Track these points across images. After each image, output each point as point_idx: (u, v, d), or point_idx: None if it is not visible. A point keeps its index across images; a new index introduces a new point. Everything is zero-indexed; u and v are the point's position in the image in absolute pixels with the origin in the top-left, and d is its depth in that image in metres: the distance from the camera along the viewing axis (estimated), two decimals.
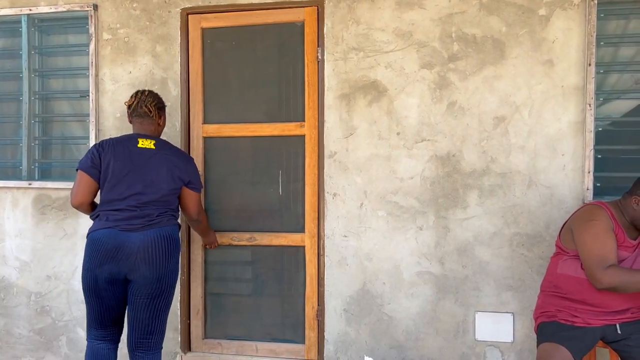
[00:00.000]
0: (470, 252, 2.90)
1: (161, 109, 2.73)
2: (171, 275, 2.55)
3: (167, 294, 2.54)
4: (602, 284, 2.15)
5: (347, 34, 2.98)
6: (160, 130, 2.76)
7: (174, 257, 2.55)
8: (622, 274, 2.13)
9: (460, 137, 2.90)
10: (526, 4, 2.81)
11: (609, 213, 2.28)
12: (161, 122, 2.74)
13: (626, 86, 2.82)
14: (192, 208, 2.69)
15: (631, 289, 2.15)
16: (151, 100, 2.67)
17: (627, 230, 2.29)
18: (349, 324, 3.01)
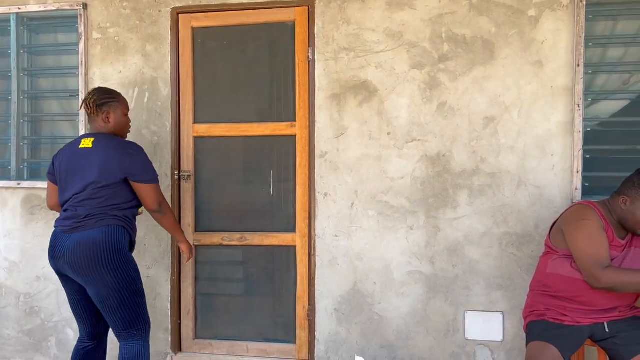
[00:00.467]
0: (461, 251, 2.91)
1: (102, 105, 2.50)
2: (105, 281, 2.35)
3: (113, 298, 2.37)
4: (601, 283, 2.16)
5: (337, 34, 2.99)
6: (112, 127, 2.53)
7: (102, 263, 2.34)
8: (621, 274, 2.15)
9: (451, 137, 2.91)
10: (516, 4, 2.82)
11: (598, 212, 2.30)
12: (106, 118, 2.51)
13: (614, 87, 2.85)
14: (146, 200, 2.49)
15: (628, 289, 2.16)
16: (90, 97, 2.51)
17: (616, 229, 2.30)
18: (340, 324, 3.02)
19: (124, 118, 2.58)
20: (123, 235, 2.44)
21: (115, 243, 2.39)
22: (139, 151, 2.48)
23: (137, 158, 2.46)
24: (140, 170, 2.46)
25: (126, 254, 2.43)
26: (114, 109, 2.53)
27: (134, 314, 2.45)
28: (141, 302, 2.47)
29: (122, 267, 2.40)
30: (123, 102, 2.58)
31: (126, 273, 2.41)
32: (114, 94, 2.56)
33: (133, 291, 2.43)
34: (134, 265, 2.46)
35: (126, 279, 2.40)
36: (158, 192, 2.52)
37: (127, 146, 2.46)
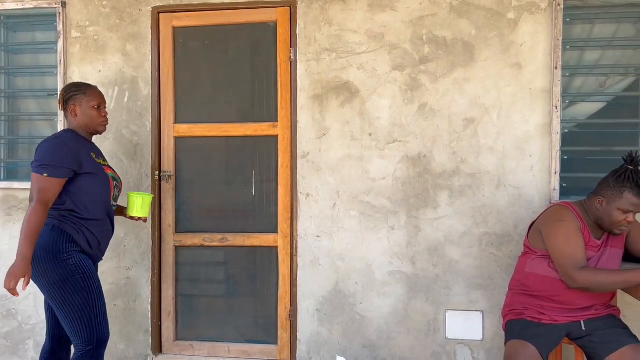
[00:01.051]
0: (441, 251, 2.93)
1: (68, 100, 2.40)
2: (41, 285, 2.25)
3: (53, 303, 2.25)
4: (577, 283, 2.20)
5: (319, 34, 2.99)
6: (80, 121, 2.40)
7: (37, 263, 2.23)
8: (597, 274, 2.18)
9: (431, 138, 2.94)
10: (495, 7, 2.86)
11: (575, 213, 2.33)
12: (72, 112, 2.39)
13: (591, 89, 2.90)
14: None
15: (605, 289, 2.20)
16: (60, 92, 2.43)
17: (592, 230, 2.35)
18: (322, 324, 3.02)
19: (92, 111, 2.41)
20: (57, 235, 2.26)
21: (43, 243, 2.23)
22: (50, 140, 2.29)
23: (44, 145, 2.28)
24: (37, 156, 2.26)
25: (54, 254, 2.23)
26: (79, 101, 2.40)
27: (67, 322, 2.26)
28: (74, 311, 2.24)
29: (47, 269, 2.22)
30: (92, 94, 2.43)
31: (51, 275, 2.22)
32: (81, 86, 2.44)
33: (63, 298, 2.23)
34: (66, 269, 2.23)
35: (52, 282, 2.23)
36: (36, 184, 2.20)
37: (52, 136, 2.32)
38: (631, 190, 2.21)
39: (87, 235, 2.34)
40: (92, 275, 2.31)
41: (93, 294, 2.29)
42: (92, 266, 2.35)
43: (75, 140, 2.35)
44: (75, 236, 2.30)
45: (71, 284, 2.24)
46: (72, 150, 2.29)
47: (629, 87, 2.88)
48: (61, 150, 2.27)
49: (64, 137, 2.33)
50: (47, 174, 2.22)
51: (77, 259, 2.28)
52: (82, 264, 2.29)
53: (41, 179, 2.22)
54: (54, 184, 2.23)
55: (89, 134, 2.46)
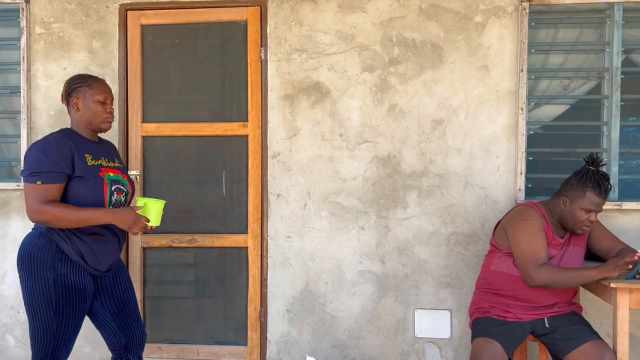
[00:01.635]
0: (410, 251, 2.97)
1: (71, 92, 2.19)
2: (22, 286, 2.12)
3: (27, 309, 2.11)
4: (535, 281, 2.26)
5: (290, 34, 2.99)
6: (82, 117, 2.19)
7: (21, 268, 2.10)
8: (554, 272, 2.25)
9: (401, 139, 2.97)
10: (463, 10, 2.90)
11: (539, 213, 2.39)
12: (75, 106, 2.19)
13: (555, 92, 2.97)
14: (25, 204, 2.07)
15: (562, 286, 2.27)
16: (64, 85, 2.24)
17: (556, 229, 2.41)
18: (292, 325, 3.02)
19: (96, 106, 2.17)
20: (43, 243, 2.09)
21: (27, 248, 2.10)
22: (38, 143, 2.10)
23: (30, 148, 2.10)
24: (25, 163, 2.08)
25: (37, 262, 2.07)
26: (83, 94, 2.17)
27: (30, 332, 2.12)
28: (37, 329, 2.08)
29: (26, 276, 2.09)
30: (98, 87, 2.19)
31: (27, 282, 2.08)
32: (87, 78, 2.21)
33: (32, 311, 2.08)
34: (44, 284, 2.06)
35: (29, 290, 2.09)
36: (31, 194, 2.02)
37: (39, 140, 2.13)
38: (593, 190, 2.28)
39: (78, 245, 2.10)
40: (72, 295, 2.08)
41: (62, 318, 2.08)
42: (80, 283, 2.11)
43: (65, 140, 2.12)
44: (64, 246, 2.08)
45: (44, 300, 2.06)
46: (62, 152, 2.07)
47: (591, 90, 2.96)
48: (51, 154, 2.06)
49: (53, 139, 2.11)
50: (40, 181, 2.02)
51: (59, 273, 2.07)
52: (64, 281, 2.07)
53: (35, 188, 2.03)
54: (51, 189, 2.04)
55: (91, 131, 2.22)
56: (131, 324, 2.29)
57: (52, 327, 2.08)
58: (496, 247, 2.48)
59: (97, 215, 2.07)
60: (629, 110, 2.90)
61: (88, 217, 2.06)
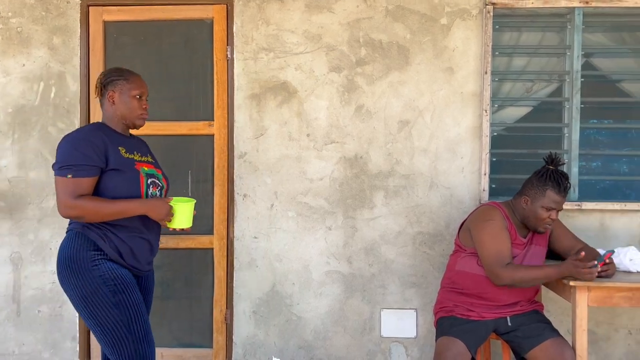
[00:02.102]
0: (377, 251, 2.98)
1: (106, 85, 2.11)
2: (71, 294, 2.00)
3: (87, 317, 1.98)
4: (501, 280, 2.29)
5: (257, 33, 2.96)
6: (117, 111, 2.10)
7: (64, 274, 1.99)
8: (519, 271, 2.29)
9: (367, 140, 2.98)
10: (429, 12, 2.93)
11: (502, 213, 2.43)
12: (110, 99, 2.10)
13: (518, 94, 3.03)
14: (56, 200, 1.99)
15: (526, 284, 2.32)
16: (98, 77, 2.14)
17: (519, 228, 2.45)
18: (258, 326, 2.99)
19: (132, 101, 2.10)
20: (81, 243, 1.99)
21: (65, 252, 1.99)
22: (69, 136, 2.02)
23: (64, 141, 2.02)
24: (58, 157, 1.99)
25: (78, 264, 1.97)
26: (120, 88, 2.10)
27: (103, 343, 1.98)
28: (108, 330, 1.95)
29: (73, 282, 1.97)
30: (135, 81, 2.13)
31: (78, 289, 1.96)
32: (124, 72, 2.15)
33: (92, 315, 1.95)
34: (93, 282, 1.95)
35: (80, 296, 1.96)
36: (62, 188, 1.95)
37: (71, 133, 2.05)
38: (553, 189, 2.33)
39: (115, 242, 2.01)
40: (125, 289, 1.98)
41: (127, 310, 1.97)
42: (128, 277, 2.02)
43: (98, 132, 2.04)
44: (101, 243, 2.00)
45: (99, 299, 1.95)
46: (94, 145, 1.98)
47: (553, 93, 3.03)
48: (82, 146, 1.97)
49: (85, 131, 2.04)
50: (70, 175, 1.94)
51: (104, 269, 1.97)
52: (111, 275, 1.97)
53: (65, 182, 1.94)
54: (83, 183, 1.95)
55: (125, 126, 2.15)
56: None
57: (122, 321, 1.96)
58: (461, 247, 2.51)
59: (131, 206, 2.00)
60: (588, 112, 2.98)
61: (122, 208, 1.98)
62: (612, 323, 2.94)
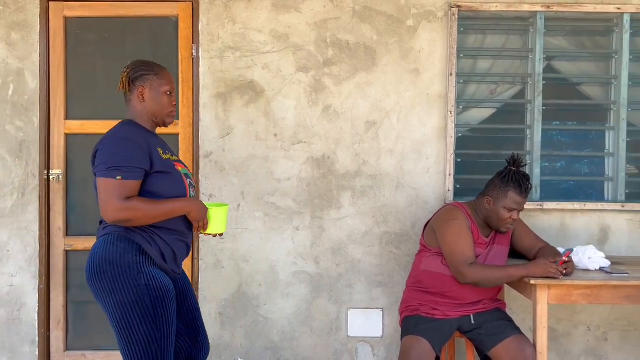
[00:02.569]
0: (344, 251, 2.98)
1: (135, 80, 1.99)
2: (105, 306, 1.91)
3: (115, 327, 1.90)
4: (466, 279, 2.33)
5: (223, 32, 2.93)
6: (147, 107, 2.00)
7: (102, 279, 1.88)
8: (484, 270, 2.34)
9: (335, 140, 2.98)
10: (395, 14, 2.95)
11: (465, 213, 2.47)
12: (140, 95, 1.99)
13: (483, 96, 3.08)
14: (99, 202, 1.88)
15: (491, 284, 2.37)
16: (124, 72, 2.01)
17: (481, 228, 2.49)
18: (224, 328, 2.96)
19: (163, 97, 2.01)
20: (125, 246, 1.89)
21: (106, 256, 1.88)
22: (114, 136, 1.92)
23: (108, 140, 1.91)
24: (102, 157, 1.88)
25: (122, 270, 1.87)
26: (150, 83, 1.99)
27: (125, 352, 1.89)
28: (137, 343, 1.86)
29: (114, 287, 1.86)
30: (165, 77, 2.03)
31: (118, 295, 1.86)
32: (153, 66, 2.04)
33: (128, 325, 1.86)
34: (136, 290, 1.86)
35: (119, 304, 1.86)
36: (111, 189, 1.83)
37: (110, 131, 1.96)
38: (515, 190, 2.37)
39: (160, 246, 1.94)
40: (165, 299, 1.90)
41: (163, 324, 1.89)
42: (168, 285, 1.94)
43: (140, 133, 1.95)
44: (147, 247, 1.91)
45: (139, 310, 1.86)
46: (140, 146, 1.90)
47: (516, 95, 3.09)
48: (130, 147, 1.88)
49: (128, 130, 1.94)
50: (120, 176, 1.84)
51: (149, 276, 1.88)
52: (155, 284, 1.88)
53: (114, 184, 1.83)
54: (131, 186, 1.85)
55: (154, 124, 2.06)
56: (202, 333, 2.16)
57: (154, 339, 1.87)
58: (425, 247, 2.54)
59: (178, 205, 1.94)
60: (550, 114, 3.05)
61: (170, 209, 1.92)
62: (572, 320, 3.01)
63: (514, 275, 2.33)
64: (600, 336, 3.01)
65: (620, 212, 2.99)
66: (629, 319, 3.01)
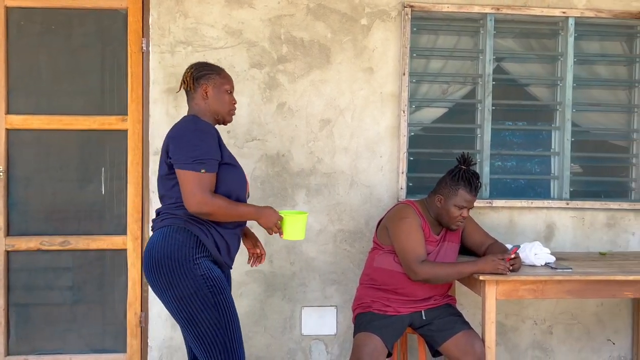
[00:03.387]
0: (298, 249, 2.97)
1: (199, 78, 2.07)
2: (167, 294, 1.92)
3: (179, 322, 1.95)
4: (418, 276, 2.36)
5: (174, 26, 2.87)
6: (211, 104, 2.07)
7: (160, 273, 1.91)
8: (435, 267, 2.38)
9: (289, 138, 2.96)
10: (349, 12, 2.96)
11: (416, 210, 2.50)
12: (204, 92, 2.06)
13: (435, 95, 3.12)
14: (182, 193, 1.91)
15: (442, 280, 2.42)
16: (187, 71, 2.10)
17: (432, 226, 2.53)
18: (175, 329, 2.90)
19: (225, 96, 2.10)
20: (183, 239, 1.92)
21: (164, 250, 1.91)
22: (188, 128, 1.97)
23: (182, 131, 1.96)
24: (178, 148, 1.93)
25: (180, 263, 1.90)
26: (213, 82, 2.08)
27: (197, 345, 1.92)
28: (205, 332, 1.90)
29: (172, 281, 1.90)
30: (226, 77, 2.14)
31: (177, 288, 1.89)
32: (214, 66, 2.15)
33: (190, 316, 1.89)
34: (194, 281, 1.90)
35: (178, 297, 1.90)
36: (196, 182, 1.88)
37: (183, 123, 2.01)
38: (465, 188, 2.42)
39: (216, 239, 1.99)
40: (224, 290, 1.96)
41: (225, 311, 1.94)
42: (223, 277, 2.00)
43: (210, 126, 2.03)
44: (204, 239, 1.95)
45: (200, 300, 1.90)
46: (214, 138, 1.99)
47: (467, 95, 3.15)
48: (208, 139, 1.96)
49: (201, 123, 2.00)
50: (204, 169, 1.90)
51: (205, 268, 1.93)
52: (212, 275, 1.93)
53: (200, 177, 1.89)
54: (212, 179, 1.94)
55: (215, 121, 2.12)
56: None
57: (219, 323, 1.92)
58: (378, 244, 2.55)
59: (250, 210, 2.05)
60: (499, 114, 3.12)
61: (244, 212, 2.03)
62: (519, 315, 3.10)
63: (463, 271, 2.38)
64: (546, 330, 3.11)
65: (565, 210, 3.09)
66: (573, 313, 3.12)
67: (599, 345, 3.14)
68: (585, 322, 3.13)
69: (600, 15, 3.06)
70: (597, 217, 3.11)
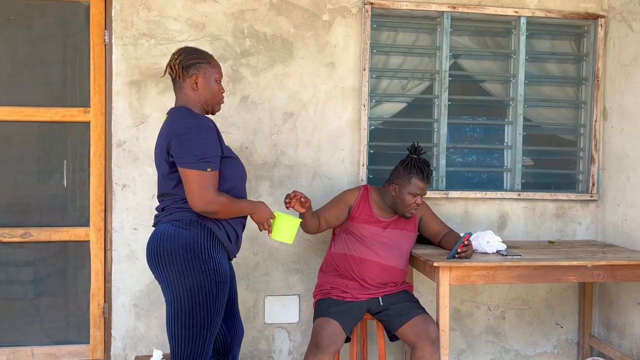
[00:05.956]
0: (262, 239, 3.03)
1: (188, 67, 2.02)
2: (172, 287, 1.94)
3: (174, 308, 1.95)
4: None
5: (137, 19, 2.88)
6: (200, 95, 2.04)
7: (174, 262, 1.93)
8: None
9: (253, 131, 3.01)
10: (311, 8, 3.02)
11: (365, 193, 2.65)
12: (194, 83, 2.03)
13: (395, 90, 3.22)
14: (187, 192, 1.92)
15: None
16: (175, 58, 2.04)
17: (379, 209, 2.63)
18: (139, 319, 2.93)
19: (215, 85, 2.07)
20: (198, 231, 1.95)
21: (179, 240, 1.93)
22: (192, 125, 1.93)
23: (184, 128, 1.92)
24: (181, 146, 1.91)
25: (195, 254, 1.93)
26: (204, 72, 2.04)
27: (172, 334, 1.96)
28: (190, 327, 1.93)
29: (185, 271, 1.92)
30: (216, 65, 2.10)
31: (188, 278, 1.92)
32: (204, 54, 2.08)
33: (189, 308, 1.92)
34: (206, 274, 1.93)
35: (186, 286, 1.92)
36: (205, 183, 1.90)
37: (185, 113, 1.98)
38: (417, 176, 2.53)
39: (226, 229, 2.03)
40: (225, 286, 2.00)
41: (217, 312, 1.98)
42: (227, 267, 2.04)
43: (208, 120, 2.02)
44: (217, 231, 2.00)
45: (204, 294, 1.93)
46: (215, 133, 2.00)
47: (425, 91, 3.26)
48: (210, 136, 1.96)
49: (199, 118, 1.98)
50: (210, 168, 1.92)
51: (216, 261, 1.97)
52: (221, 270, 1.98)
53: (205, 176, 1.91)
54: (216, 176, 1.96)
55: (204, 111, 2.09)
56: (237, 322, 2.23)
57: (209, 322, 1.96)
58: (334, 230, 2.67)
59: (247, 206, 2.07)
60: (455, 109, 3.24)
61: (243, 207, 2.05)
62: (474, 301, 3.24)
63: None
64: (499, 315, 3.26)
65: (517, 201, 3.25)
66: (524, 298, 3.28)
67: (549, 329, 3.31)
68: (535, 307, 3.29)
69: (550, 15, 3.21)
70: (546, 208, 3.28)
